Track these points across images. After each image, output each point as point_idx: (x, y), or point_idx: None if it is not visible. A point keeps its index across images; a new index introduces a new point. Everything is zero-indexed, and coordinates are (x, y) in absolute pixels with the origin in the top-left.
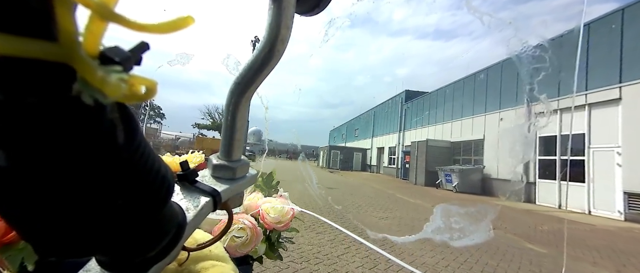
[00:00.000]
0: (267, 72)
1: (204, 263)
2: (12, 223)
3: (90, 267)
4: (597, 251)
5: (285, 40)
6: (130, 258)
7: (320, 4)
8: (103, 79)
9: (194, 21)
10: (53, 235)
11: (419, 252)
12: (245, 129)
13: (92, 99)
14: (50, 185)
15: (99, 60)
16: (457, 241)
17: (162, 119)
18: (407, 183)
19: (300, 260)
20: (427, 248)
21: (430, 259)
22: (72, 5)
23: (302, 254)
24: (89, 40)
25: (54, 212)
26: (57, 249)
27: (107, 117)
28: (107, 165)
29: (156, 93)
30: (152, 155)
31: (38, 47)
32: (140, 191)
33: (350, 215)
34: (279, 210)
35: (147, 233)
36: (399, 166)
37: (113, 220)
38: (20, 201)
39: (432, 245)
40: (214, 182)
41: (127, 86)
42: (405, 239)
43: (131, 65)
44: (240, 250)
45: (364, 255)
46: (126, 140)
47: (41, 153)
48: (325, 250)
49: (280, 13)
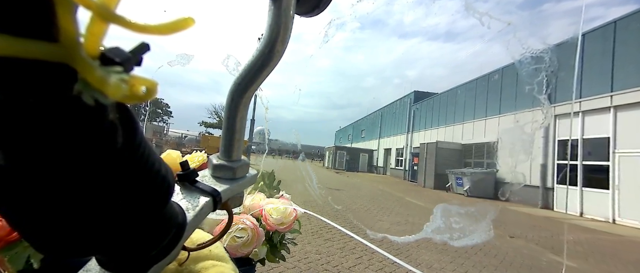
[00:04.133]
0: (267, 72)
1: (204, 263)
2: (12, 223)
3: (90, 267)
4: (634, 265)
5: (285, 41)
6: (131, 258)
7: (320, 4)
8: (103, 79)
9: (194, 22)
10: (53, 234)
11: (437, 264)
12: (245, 129)
13: (92, 99)
14: (51, 185)
15: (99, 61)
16: (457, 241)
17: (169, 118)
18: (416, 185)
19: (308, 272)
20: (446, 259)
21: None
22: (73, 7)
23: (310, 265)
24: (89, 41)
25: (54, 212)
26: (58, 249)
27: (107, 117)
28: (108, 165)
29: (156, 94)
30: (152, 155)
31: (39, 47)
32: (140, 191)
33: (359, 222)
34: (282, 211)
35: (147, 233)
36: (407, 168)
37: (113, 220)
38: (21, 201)
39: (456, 263)
40: (214, 182)
41: (127, 87)
42: (405, 239)
43: (132, 66)
44: (241, 250)
45: (377, 268)
46: (126, 140)
47: (42, 153)
48: (335, 260)
49: (280, 14)
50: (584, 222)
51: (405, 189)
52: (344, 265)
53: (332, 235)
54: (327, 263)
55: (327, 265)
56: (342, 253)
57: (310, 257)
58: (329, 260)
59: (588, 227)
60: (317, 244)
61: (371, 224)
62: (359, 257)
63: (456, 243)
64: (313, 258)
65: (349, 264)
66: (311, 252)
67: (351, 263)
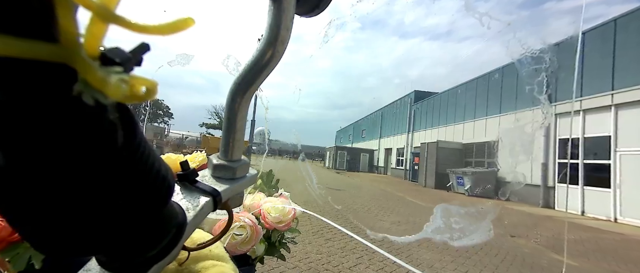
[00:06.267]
0: (267, 73)
1: (204, 263)
2: (12, 223)
3: (90, 267)
4: (635, 264)
5: (285, 41)
6: (131, 258)
7: (320, 5)
8: (103, 79)
9: (194, 23)
10: (53, 234)
11: (438, 263)
12: (245, 129)
13: (92, 99)
14: (51, 185)
15: (99, 61)
16: (457, 241)
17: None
18: (417, 185)
19: (309, 272)
20: (447, 259)
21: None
22: (73, 7)
23: (311, 265)
24: (89, 41)
25: (54, 212)
26: (58, 249)
27: (107, 117)
28: (108, 165)
29: (156, 94)
30: (152, 155)
31: (39, 48)
32: (140, 191)
33: (359, 222)
34: (280, 210)
35: (147, 233)
36: (408, 168)
37: (113, 220)
38: (21, 201)
39: (457, 262)
40: (214, 182)
41: (127, 87)
42: (405, 239)
43: (132, 66)
44: (240, 248)
45: (378, 267)
46: (126, 140)
47: (42, 153)
48: (336, 260)
49: (280, 14)
50: (585, 221)
51: (406, 189)
52: (344, 265)
53: (332, 234)
54: (328, 263)
55: (327, 265)
56: (342, 253)
57: (311, 257)
58: (329, 260)
59: (589, 226)
60: (318, 244)
61: (372, 224)
62: (360, 257)
63: (456, 243)
64: (314, 258)
65: (350, 264)
66: (312, 251)
67: (352, 263)
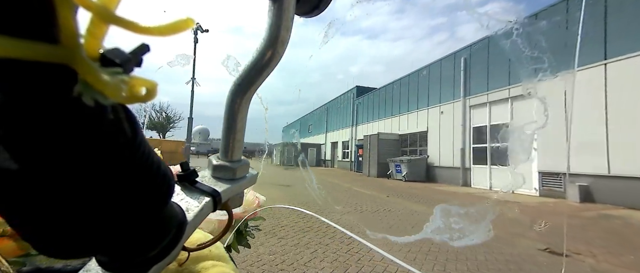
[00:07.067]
0: (267, 73)
1: (204, 263)
2: (13, 223)
3: (91, 267)
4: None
5: (285, 41)
6: (131, 258)
7: (320, 5)
8: (104, 80)
9: (194, 23)
10: (54, 235)
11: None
12: (245, 130)
13: (92, 100)
14: (52, 185)
15: (99, 62)
16: (456, 241)
17: None
18: (361, 175)
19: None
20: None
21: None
22: (74, 8)
23: (263, 267)
24: (90, 42)
25: (55, 212)
26: (58, 249)
27: (107, 118)
28: (108, 165)
29: (156, 94)
30: (152, 156)
31: (40, 49)
32: (140, 191)
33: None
34: (245, 199)
35: (147, 233)
36: (353, 160)
37: (114, 220)
38: (22, 202)
39: None
40: (214, 182)
41: (127, 88)
42: (405, 239)
43: (132, 67)
44: None
45: (332, 259)
46: (126, 140)
47: (43, 153)
48: (290, 258)
49: (280, 14)
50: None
51: (351, 179)
52: (299, 261)
53: (286, 233)
54: (282, 262)
55: (282, 265)
56: (296, 250)
57: (264, 259)
58: (283, 259)
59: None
60: (270, 244)
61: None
62: (314, 251)
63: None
64: (266, 259)
65: (304, 260)
66: (264, 253)
67: (306, 259)
